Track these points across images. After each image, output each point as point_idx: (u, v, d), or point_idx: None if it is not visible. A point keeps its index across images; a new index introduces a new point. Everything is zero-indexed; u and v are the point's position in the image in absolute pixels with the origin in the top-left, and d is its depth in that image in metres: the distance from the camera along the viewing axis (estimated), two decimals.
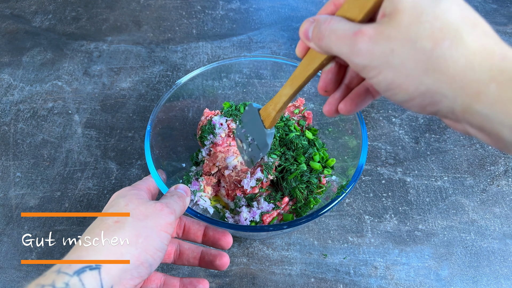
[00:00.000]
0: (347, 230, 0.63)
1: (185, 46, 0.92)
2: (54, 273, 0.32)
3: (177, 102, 0.63)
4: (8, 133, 0.77)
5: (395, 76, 0.27)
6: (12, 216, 0.65)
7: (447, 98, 0.25)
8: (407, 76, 0.26)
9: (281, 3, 1.02)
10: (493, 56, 0.24)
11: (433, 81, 0.25)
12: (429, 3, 0.26)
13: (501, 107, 0.23)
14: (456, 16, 0.25)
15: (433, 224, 0.64)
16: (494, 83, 0.24)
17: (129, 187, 0.43)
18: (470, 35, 0.25)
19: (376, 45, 0.27)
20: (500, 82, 0.23)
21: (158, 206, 0.39)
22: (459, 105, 0.25)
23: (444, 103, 0.26)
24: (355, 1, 0.30)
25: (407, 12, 0.26)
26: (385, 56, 0.27)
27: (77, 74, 0.87)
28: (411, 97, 0.27)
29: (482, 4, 1.01)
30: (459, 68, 0.25)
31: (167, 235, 0.38)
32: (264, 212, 0.57)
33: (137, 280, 0.35)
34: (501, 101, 0.23)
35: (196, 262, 0.45)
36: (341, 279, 0.58)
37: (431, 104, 0.27)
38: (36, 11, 1.01)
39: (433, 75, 0.25)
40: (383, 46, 0.27)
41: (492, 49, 0.25)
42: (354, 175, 0.51)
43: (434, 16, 0.25)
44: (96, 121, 0.78)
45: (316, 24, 0.32)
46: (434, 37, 0.25)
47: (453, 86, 0.25)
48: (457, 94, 0.25)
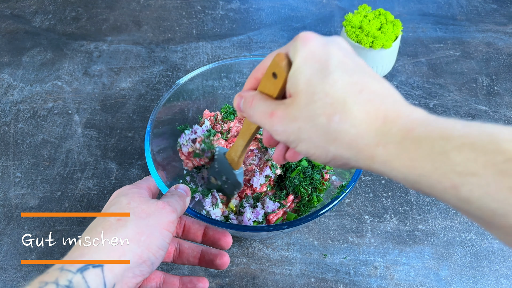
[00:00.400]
0: (347, 230, 0.63)
1: (185, 46, 0.92)
2: (57, 271, 0.32)
3: (177, 102, 0.63)
4: (8, 133, 0.77)
5: (308, 147, 0.31)
6: (12, 216, 0.65)
7: (351, 160, 0.29)
8: (316, 147, 0.31)
9: (281, 3, 1.02)
10: (376, 121, 0.28)
11: (336, 149, 0.29)
12: (319, 80, 0.29)
13: (390, 165, 0.27)
14: (343, 87, 0.29)
15: (433, 224, 0.64)
16: (380, 146, 0.27)
17: (130, 185, 0.43)
18: (355, 104, 0.28)
19: (287, 126, 0.32)
20: (385, 144, 0.27)
21: (160, 204, 0.39)
22: (363, 165, 0.29)
23: (352, 163, 0.30)
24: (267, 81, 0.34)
25: (303, 93, 0.30)
26: (296, 133, 0.31)
27: (77, 74, 0.87)
28: (326, 161, 0.31)
29: (482, 4, 1.01)
30: (351, 137, 0.28)
31: (169, 233, 0.38)
32: (270, 212, 0.57)
33: (139, 278, 0.36)
34: (389, 161, 0.27)
35: (196, 262, 0.45)
36: (341, 279, 0.58)
37: (344, 165, 0.31)
38: (36, 11, 1.01)
39: (334, 145, 0.29)
40: (292, 126, 0.31)
41: (375, 114, 0.28)
42: (354, 175, 0.51)
43: (324, 93, 0.29)
44: (96, 121, 0.78)
45: (244, 101, 0.37)
46: (327, 113, 0.29)
47: (352, 152, 0.29)
48: (357, 158, 0.29)
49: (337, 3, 1.02)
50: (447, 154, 0.24)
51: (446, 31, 0.94)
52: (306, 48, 0.31)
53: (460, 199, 0.24)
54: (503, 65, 0.87)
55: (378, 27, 0.76)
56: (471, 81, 0.84)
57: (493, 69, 0.86)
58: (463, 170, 0.23)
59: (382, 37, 0.74)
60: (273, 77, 0.34)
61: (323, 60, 0.30)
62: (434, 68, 0.86)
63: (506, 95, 0.81)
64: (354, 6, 1.00)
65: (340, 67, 0.30)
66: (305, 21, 0.97)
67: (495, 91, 0.82)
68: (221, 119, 0.66)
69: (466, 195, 0.23)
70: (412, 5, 1.01)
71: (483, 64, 0.87)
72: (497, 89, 0.82)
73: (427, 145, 0.25)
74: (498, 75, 0.85)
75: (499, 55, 0.89)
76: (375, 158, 0.28)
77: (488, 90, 0.82)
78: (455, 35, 0.93)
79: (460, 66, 0.87)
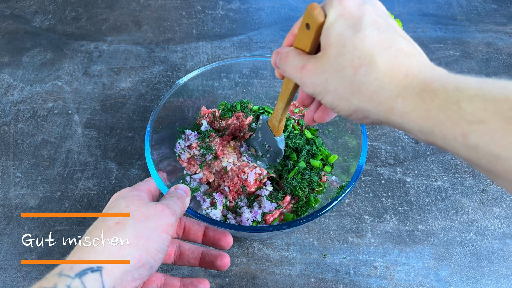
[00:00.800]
0: (347, 230, 0.63)
1: (185, 46, 0.92)
2: (55, 276, 0.32)
3: (177, 102, 0.63)
4: (8, 133, 0.77)
5: (333, 99, 0.33)
6: (12, 216, 0.65)
7: (372, 113, 0.31)
8: (340, 98, 0.33)
9: (281, 3, 1.02)
10: (399, 75, 0.29)
11: (358, 101, 0.31)
12: (350, 34, 0.31)
13: (407, 117, 0.29)
14: (372, 42, 0.31)
15: (433, 224, 0.64)
16: (400, 98, 0.29)
17: (129, 188, 0.43)
18: (382, 58, 0.30)
19: (316, 78, 0.34)
20: (404, 97, 0.29)
21: (159, 207, 0.39)
22: (382, 118, 0.31)
23: (372, 117, 0.32)
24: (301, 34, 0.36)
25: (334, 45, 0.32)
26: (323, 85, 0.33)
27: (77, 74, 0.87)
28: (349, 113, 0.33)
29: (482, 4, 1.01)
30: (374, 89, 0.30)
31: (168, 236, 0.38)
32: (267, 212, 0.57)
33: (138, 282, 0.35)
34: (406, 112, 0.29)
35: (197, 263, 0.45)
36: (341, 279, 0.58)
37: (364, 118, 0.33)
38: (36, 11, 1.01)
39: (358, 97, 0.31)
40: (320, 78, 0.33)
41: (399, 69, 0.29)
42: (354, 175, 0.51)
43: (353, 46, 0.31)
44: (96, 121, 0.78)
45: (279, 57, 0.39)
46: (354, 66, 0.31)
47: (373, 104, 0.31)
48: (377, 110, 0.31)
49: None
50: (459, 104, 0.25)
51: (446, 31, 0.94)
52: (341, 5, 0.32)
53: (469, 147, 0.25)
54: (503, 65, 0.87)
55: None
56: None
57: (493, 69, 0.86)
58: (473, 118, 0.25)
59: None
60: (306, 28, 0.35)
61: (356, 17, 0.32)
62: None
63: None
64: None
65: (372, 25, 0.31)
66: None
67: None
68: (219, 116, 0.66)
69: (474, 142, 0.25)
70: (412, 5, 1.01)
71: (483, 64, 0.87)
72: None
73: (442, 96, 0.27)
74: (498, 75, 0.85)
75: (499, 55, 0.89)
76: (394, 110, 0.29)
77: None
78: (455, 35, 0.93)
79: (460, 66, 0.87)
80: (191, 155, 0.62)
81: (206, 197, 0.59)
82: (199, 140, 0.62)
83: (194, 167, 0.63)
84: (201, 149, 0.61)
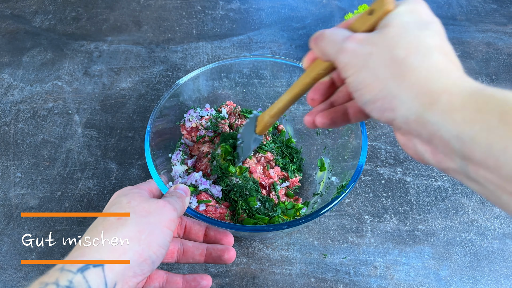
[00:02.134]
0: (347, 230, 0.63)
1: (185, 46, 0.92)
2: (57, 271, 0.32)
3: (177, 102, 0.63)
4: (8, 133, 0.77)
5: (367, 77, 0.30)
6: (12, 216, 0.65)
7: (404, 105, 0.28)
8: (376, 78, 0.30)
9: (281, 3, 1.02)
10: (451, 74, 0.28)
11: (396, 86, 0.29)
12: (416, 27, 0.30)
13: (449, 116, 0.26)
14: (433, 43, 0.29)
15: (433, 224, 0.64)
16: (446, 94, 0.27)
17: (130, 187, 0.43)
18: (439, 56, 0.29)
19: (360, 47, 0.31)
20: (452, 93, 0.26)
21: (161, 203, 0.39)
22: (413, 113, 0.28)
23: (401, 110, 0.29)
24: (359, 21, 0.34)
25: (395, 27, 0.30)
26: (364, 57, 0.30)
27: (77, 74, 0.87)
28: (374, 99, 0.30)
29: (482, 4, 1.01)
30: (421, 77, 0.28)
31: (170, 232, 0.38)
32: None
33: (140, 278, 0.36)
34: (449, 111, 0.26)
35: (202, 259, 0.45)
36: (341, 279, 0.58)
37: (389, 109, 0.30)
38: (36, 11, 1.01)
39: (397, 81, 0.29)
40: (366, 48, 0.31)
41: (452, 70, 0.28)
42: (354, 175, 0.51)
43: (415, 36, 0.29)
44: (96, 121, 0.78)
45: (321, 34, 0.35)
46: (409, 49, 0.29)
47: (411, 94, 0.28)
48: (414, 102, 0.28)
49: (337, 3, 1.02)
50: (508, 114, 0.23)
51: (446, 31, 0.94)
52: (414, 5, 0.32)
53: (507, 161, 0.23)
54: (503, 65, 0.87)
55: None
56: None
57: (493, 69, 0.86)
58: None
59: None
60: (368, 14, 0.33)
61: (425, 20, 0.31)
62: None
63: None
64: (354, 6, 1.00)
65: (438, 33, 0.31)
66: (305, 21, 0.97)
67: None
68: (238, 112, 0.68)
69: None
70: None
71: (483, 64, 0.87)
72: None
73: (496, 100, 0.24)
74: (498, 75, 0.85)
75: (499, 55, 0.89)
76: (435, 106, 0.27)
77: None
78: (455, 35, 0.93)
79: None
80: (197, 125, 0.64)
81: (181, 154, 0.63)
82: (213, 116, 0.65)
83: (190, 138, 0.66)
84: (209, 122, 0.63)
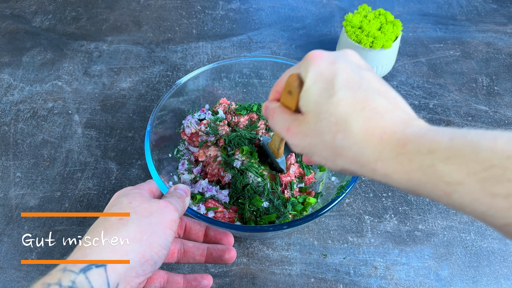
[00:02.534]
0: (347, 230, 0.63)
1: (185, 46, 0.92)
2: (59, 272, 0.32)
3: (177, 102, 0.63)
4: (8, 133, 0.77)
5: (320, 160, 0.34)
6: (12, 216, 0.65)
7: (358, 172, 0.32)
8: (326, 160, 0.34)
9: (281, 3, 1.02)
10: (374, 139, 0.30)
11: (342, 163, 0.32)
12: (325, 100, 0.32)
13: (390, 178, 0.30)
14: (346, 106, 0.31)
15: (433, 224, 0.64)
16: (379, 162, 0.30)
17: (131, 187, 0.43)
18: (357, 122, 0.30)
19: (300, 141, 0.35)
20: (383, 161, 0.29)
21: (162, 203, 0.39)
22: (368, 175, 0.32)
23: (359, 173, 0.33)
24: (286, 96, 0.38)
25: (312, 112, 0.33)
26: (308, 147, 0.34)
27: (77, 74, 0.87)
28: (337, 170, 0.34)
29: (482, 4, 1.01)
30: (354, 153, 0.31)
31: (171, 232, 0.38)
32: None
33: (142, 278, 0.35)
34: (388, 174, 0.29)
35: (203, 259, 0.45)
36: (341, 279, 0.58)
37: (353, 173, 0.34)
38: (36, 11, 1.01)
39: (341, 159, 0.32)
40: (304, 141, 0.34)
41: (373, 132, 0.30)
42: (354, 175, 0.51)
43: (329, 113, 0.31)
44: (96, 121, 0.78)
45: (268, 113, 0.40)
46: (332, 132, 0.31)
47: (356, 166, 0.32)
48: (362, 170, 0.31)
49: (337, 3, 1.02)
50: (435, 167, 0.26)
51: (446, 31, 0.94)
52: (314, 68, 0.34)
53: (455, 205, 0.26)
54: (503, 65, 0.87)
55: (378, 27, 0.76)
56: (471, 81, 0.84)
57: (493, 69, 0.86)
58: (451, 180, 0.26)
59: (382, 37, 0.74)
60: (289, 94, 0.37)
61: (329, 79, 0.32)
62: (434, 68, 0.86)
63: (506, 95, 0.81)
64: (354, 6, 1.00)
65: (345, 85, 0.32)
66: (305, 21, 0.97)
67: (495, 91, 0.82)
68: (234, 110, 0.67)
69: (458, 201, 0.26)
70: (412, 5, 1.01)
71: (483, 64, 0.87)
72: (497, 89, 0.83)
73: (418, 160, 0.27)
74: (498, 75, 0.85)
75: (499, 55, 0.89)
76: (376, 172, 0.30)
77: (488, 90, 0.82)
78: (455, 35, 0.93)
79: (460, 66, 0.87)
80: (196, 130, 0.63)
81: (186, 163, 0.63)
82: (211, 119, 0.64)
83: (193, 144, 0.65)
84: (208, 127, 0.63)
